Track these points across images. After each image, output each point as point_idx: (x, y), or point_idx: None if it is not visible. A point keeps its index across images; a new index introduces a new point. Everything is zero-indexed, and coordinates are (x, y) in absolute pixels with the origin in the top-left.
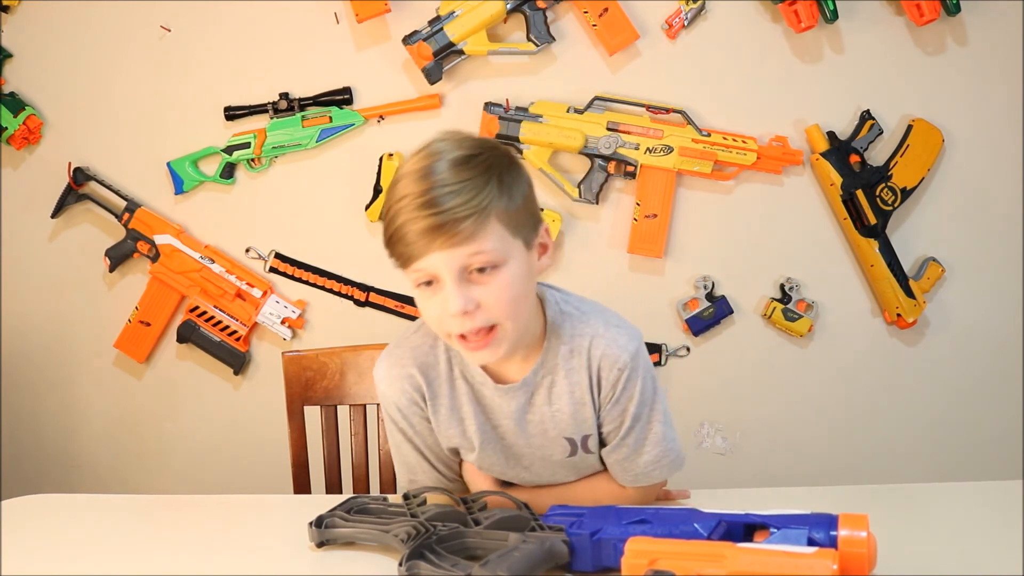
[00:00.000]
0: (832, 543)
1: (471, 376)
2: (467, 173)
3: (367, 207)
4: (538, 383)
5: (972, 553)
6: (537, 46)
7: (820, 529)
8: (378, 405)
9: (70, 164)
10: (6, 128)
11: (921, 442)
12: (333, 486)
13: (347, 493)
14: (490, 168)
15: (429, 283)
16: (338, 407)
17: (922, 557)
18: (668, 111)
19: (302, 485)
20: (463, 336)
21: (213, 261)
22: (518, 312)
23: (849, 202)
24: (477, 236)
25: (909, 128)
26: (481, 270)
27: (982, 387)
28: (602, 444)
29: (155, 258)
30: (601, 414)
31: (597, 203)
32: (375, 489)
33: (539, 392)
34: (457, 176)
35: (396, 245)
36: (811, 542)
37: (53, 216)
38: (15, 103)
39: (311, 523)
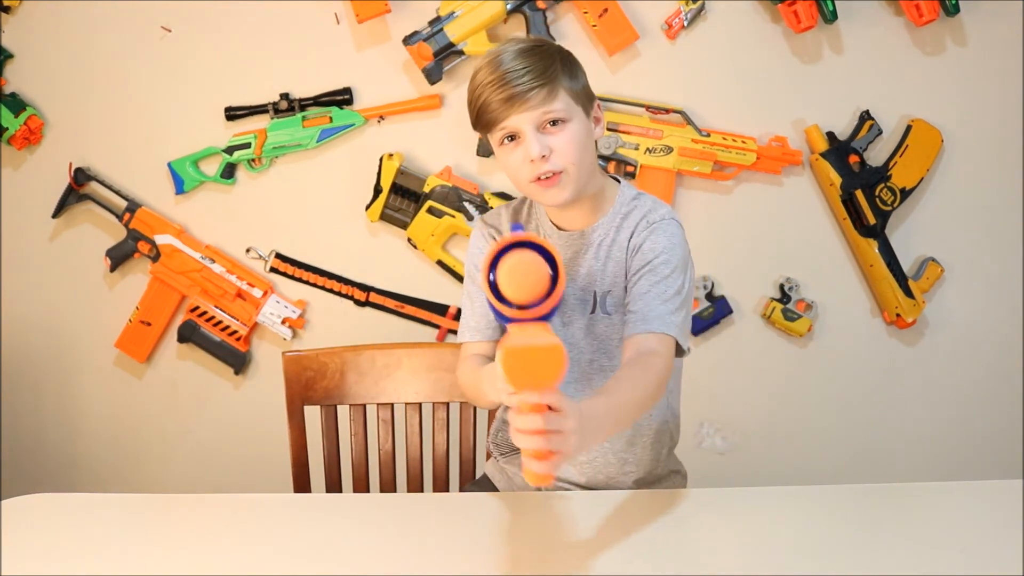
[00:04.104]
0: None
1: (542, 224)
2: (533, 58)
3: (367, 207)
4: (594, 238)
5: (972, 553)
6: None
7: None
8: (378, 405)
9: (71, 164)
10: (7, 128)
11: (921, 442)
12: (333, 486)
13: (347, 493)
14: (552, 55)
15: (512, 138)
16: (338, 407)
17: (922, 557)
18: (668, 111)
19: (302, 485)
20: (537, 179)
21: (214, 261)
22: (581, 160)
23: (848, 202)
24: (547, 102)
25: (908, 128)
26: (553, 123)
27: (982, 387)
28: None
29: (156, 258)
30: (628, 268)
31: None
32: (375, 489)
33: (591, 247)
34: (525, 61)
35: (482, 116)
36: None
37: (54, 216)
38: (16, 103)
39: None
